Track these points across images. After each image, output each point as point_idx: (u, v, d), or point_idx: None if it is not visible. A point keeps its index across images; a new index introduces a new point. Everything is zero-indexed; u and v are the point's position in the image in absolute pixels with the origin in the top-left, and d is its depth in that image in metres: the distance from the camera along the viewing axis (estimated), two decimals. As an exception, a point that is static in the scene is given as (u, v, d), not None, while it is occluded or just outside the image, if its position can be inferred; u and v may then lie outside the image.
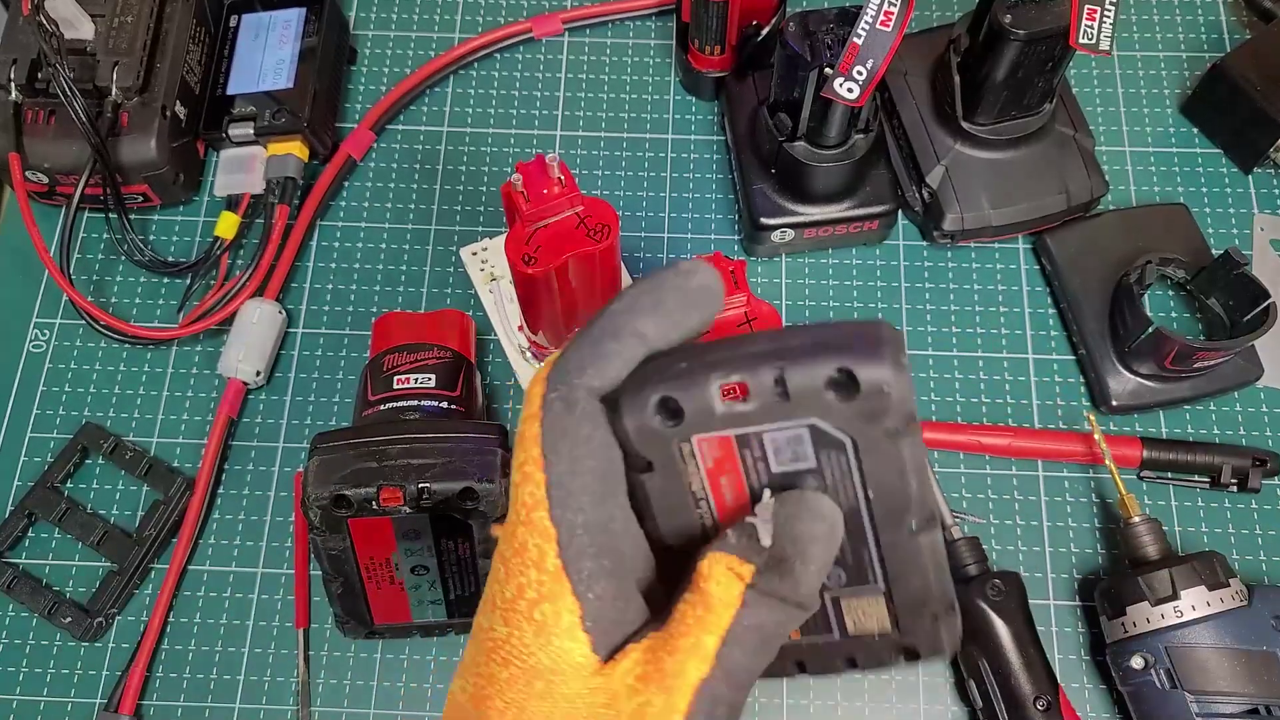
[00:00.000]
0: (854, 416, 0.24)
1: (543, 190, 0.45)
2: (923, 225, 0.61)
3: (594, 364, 0.25)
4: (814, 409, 0.24)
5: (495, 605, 0.26)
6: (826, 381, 0.24)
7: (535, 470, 0.25)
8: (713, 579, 0.25)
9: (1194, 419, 0.57)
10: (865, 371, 0.23)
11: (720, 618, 0.24)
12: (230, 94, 0.61)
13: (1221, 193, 0.62)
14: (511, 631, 0.25)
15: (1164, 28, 0.67)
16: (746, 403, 0.24)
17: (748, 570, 0.24)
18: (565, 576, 0.25)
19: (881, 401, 0.24)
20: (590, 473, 0.25)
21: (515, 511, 0.26)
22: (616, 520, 0.26)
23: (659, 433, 0.25)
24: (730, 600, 0.24)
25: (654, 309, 0.26)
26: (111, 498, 0.56)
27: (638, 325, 0.26)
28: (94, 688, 0.52)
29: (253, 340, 0.56)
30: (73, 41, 0.57)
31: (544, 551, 0.25)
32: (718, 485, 0.26)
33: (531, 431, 0.25)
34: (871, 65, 0.47)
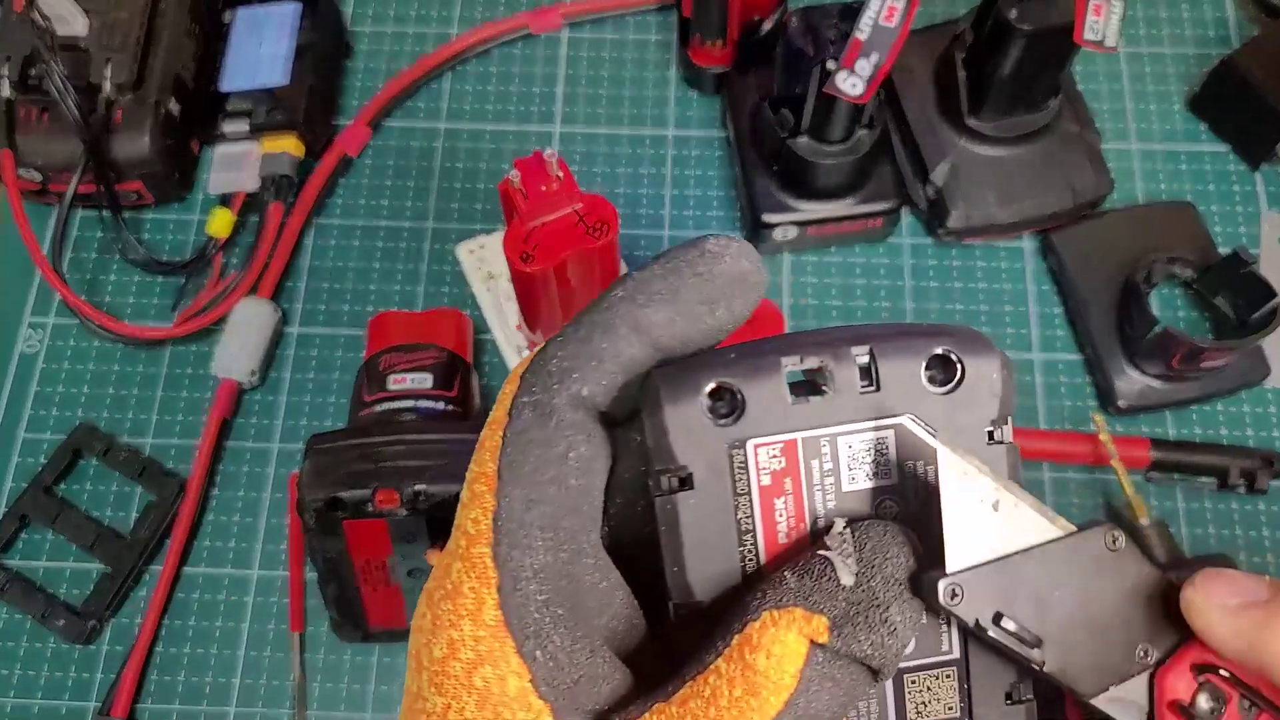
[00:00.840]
0: (952, 415, 0.20)
1: (541, 187, 0.44)
2: (928, 223, 0.60)
3: (582, 365, 0.20)
4: (905, 403, 0.20)
5: (423, 665, 0.20)
6: (925, 369, 0.20)
7: (485, 492, 0.20)
8: (762, 649, 0.19)
9: (1201, 419, 0.56)
10: (972, 359, 0.20)
11: (766, 703, 0.18)
12: (225, 90, 0.60)
13: (1229, 190, 0.61)
14: (449, 703, 0.20)
15: (1171, 24, 0.66)
16: (823, 395, 0.20)
17: (820, 625, 0.19)
18: (507, 633, 0.19)
19: (986, 396, 0.20)
20: (554, 501, 0.20)
21: (455, 541, 0.20)
22: (583, 565, 0.20)
23: (709, 433, 0.20)
24: (784, 681, 0.18)
25: (666, 298, 0.20)
26: (105, 499, 0.55)
27: (643, 319, 0.20)
28: (88, 691, 0.52)
29: (247, 340, 0.56)
30: (66, 37, 0.56)
31: (482, 599, 0.19)
32: (770, 512, 0.21)
33: (492, 441, 0.20)
34: (876, 61, 0.46)
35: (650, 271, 0.21)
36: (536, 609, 0.20)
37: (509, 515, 0.20)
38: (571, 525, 0.20)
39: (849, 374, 0.20)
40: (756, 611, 0.19)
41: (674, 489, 0.20)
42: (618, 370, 0.20)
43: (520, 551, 0.19)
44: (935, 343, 0.20)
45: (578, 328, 0.21)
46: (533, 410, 0.20)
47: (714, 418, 0.20)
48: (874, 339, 0.20)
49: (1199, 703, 0.20)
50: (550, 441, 0.20)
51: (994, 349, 0.21)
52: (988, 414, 0.21)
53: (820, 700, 0.19)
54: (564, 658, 0.20)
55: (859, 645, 0.19)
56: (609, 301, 0.21)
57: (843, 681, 0.19)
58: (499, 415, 0.21)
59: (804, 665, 0.19)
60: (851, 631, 0.19)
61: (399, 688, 0.51)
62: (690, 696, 0.19)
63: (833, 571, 0.19)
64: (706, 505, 0.20)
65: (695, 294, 0.20)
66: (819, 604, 0.19)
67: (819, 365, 0.20)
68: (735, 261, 0.21)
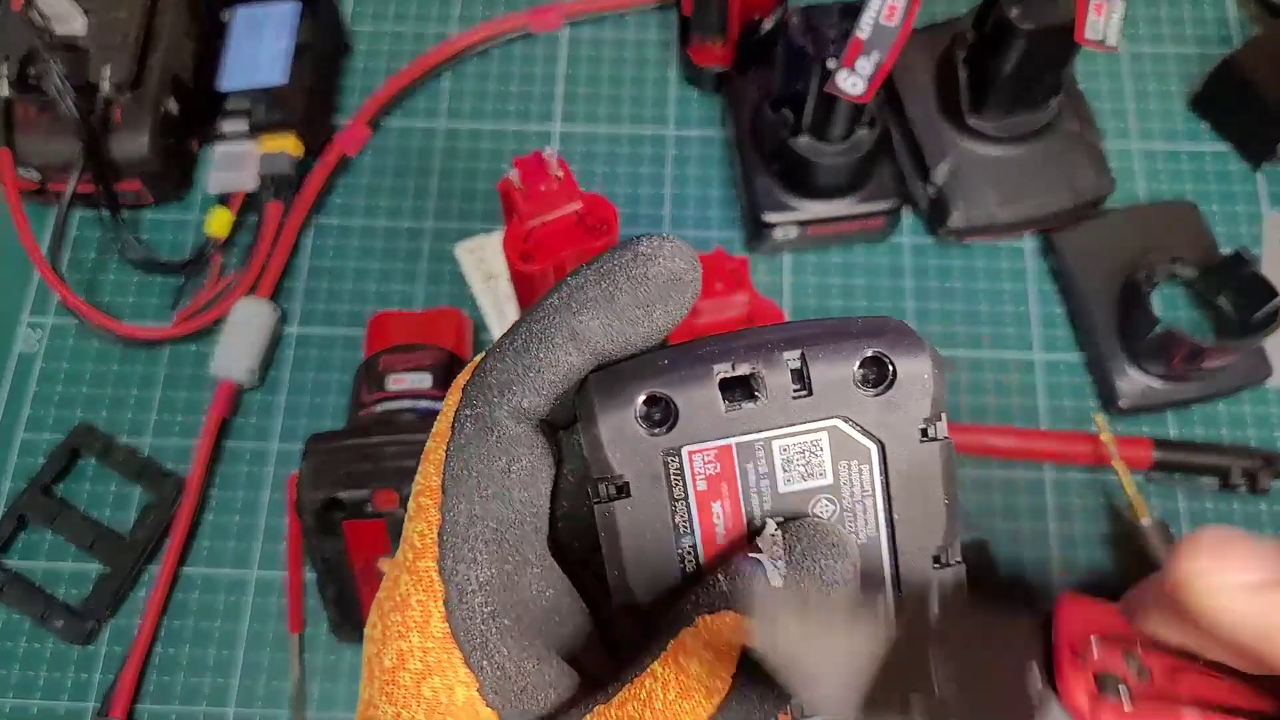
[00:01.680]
0: (884, 415, 0.20)
1: (541, 187, 0.44)
2: (929, 222, 0.60)
3: (520, 377, 0.20)
4: (838, 405, 0.20)
5: (374, 674, 0.21)
6: (857, 371, 0.20)
7: (430, 506, 0.20)
8: (695, 655, 0.19)
9: (1203, 420, 0.56)
10: (903, 359, 0.20)
11: (699, 706, 0.19)
12: (224, 89, 0.60)
13: (1230, 190, 0.61)
14: (399, 713, 0.20)
15: (1172, 23, 0.66)
16: (756, 400, 0.20)
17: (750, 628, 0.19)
18: (455, 644, 0.20)
19: (918, 395, 0.20)
20: (497, 515, 0.20)
21: (402, 553, 0.21)
22: (529, 575, 0.21)
23: (642, 443, 0.20)
24: (716, 685, 0.19)
25: (602, 304, 0.20)
26: (104, 499, 0.55)
27: (580, 327, 0.20)
28: (87, 692, 0.51)
29: (246, 340, 0.56)
30: (64, 36, 0.56)
31: (429, 612, 0.20)
32: (708, 515, 0.21)
33: (436, 455, 0.20)
34: (876, 60, 0.46)
35: (584, 277, 0.21)
36: (482, 620, 0.20)
37: (453, 530, 0.20)
38: (515, 537, 0.20)
39: (781, 380, 0.20)
40: (690, 617, 0.20)
41: (612, 497, 0.21)
42: (557, 380, 0.20)
43: (465, 566, 0.20)
44: (865, 344, 0.20)
45: (514, 338, 0.21)
46: (474, 424, 0.20)
47: (647, 426, 0.20)
48: (805, 342, 0.20)
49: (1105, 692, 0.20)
50: (492, 456, 0.20)
51: (924, 347, 0.21)
52: (920, 412, 0.21)
53: (754, 704, 0.19)
54: (510, 667, 0.20)
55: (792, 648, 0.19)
56: (544, 310, 0.21)
57: (775, 685, 0.19)
58: (442, 428, 0.21)
59: (736, 670, 0.19)
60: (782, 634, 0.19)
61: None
62: (628, 699, 0.19)
63: (763, 574, 0.19)
64: (643, 512, 0.21)
65: (630, 298, 0.20)
66: (748, 608, 0.19)
67: (751, 371, 0.20)
68: (669, 262, 0.21)
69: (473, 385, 0.21)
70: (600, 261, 0.21)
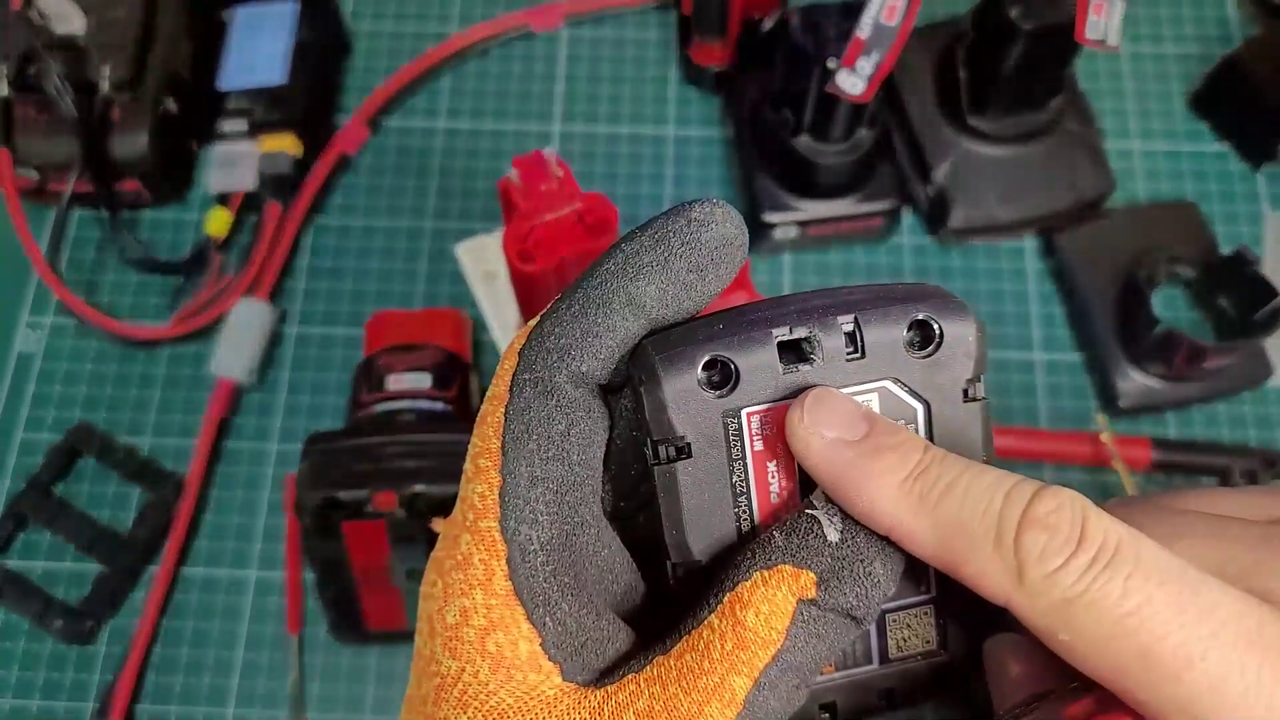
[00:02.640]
0: (932, 376, 0.21)
1: (541, 186, 0.44)
2: (929, 222, 0.60)
3: (579, 342, 0.21)
4: (888, 367, 0.21)
5: (435, 630, 0.21)
6: (905, 335, 0.21)
7: (490, 468, 0.21)
8: (752, 607, 0.20)
9: (1203, 420, 0.56)
10: (949, 323, 0.21)
11: (755, 656, 0.20)
12: (223, 89, 0.60)
13: (1231, 190, 0.61)
14: (464, 667, 0.21)
15: (1172, 23, 0.66)
16: (811, 363, 0.21)
17: (808, 581, 0.20)
18: (517, 601, 0.20)
19: (962, 358, 0.21)
20: (557, 477, 0.21)
21: (462, 513, 0.21)
22: (586, 535, 0.21)
23: (704, 404, 0.21)
24: (771, 636, 0.20)
25: (657, 269, 0.21)
26: (103, 499, 0.55)
27: (634, 291, 0.21)
28: (86, 692, 0.51)
29: (245, 340, 0.56)
30: (63, 36, 0.56)
31: (492, 570, 0.20)
32: (764, 475, 0.22)
33: (494, 417, 0.21)
34: (877, 60, 0.46)
35: (639, 242, 0.21)
36: (544, 579, 0.21)
37: (514, 492, 0.21)
38: (574, 498, 0.21)
39: (836, 342, 0.21)
40: (747, 571, 0.20)
41: (672, 458, 0.21)
42: (614, 345, 0.21)
43: (527, 526, 0.20)
44: (915, 309, 0.21)
45: (571, 303, 0.21)
46: (534, 388, 0.21)
47: (709, 389, 0.21)
48: (857, 306, 0.21)
49: None
50: (552, 419, 0.21)
51: (968, 312, 0.22)
52: (963, 373, 0.22)
53: (806, 652, 0.20)
54: (571, 623, 0.21)
55: (844, 598, 0.20)
56: (601, 275, 0.21)
57: (827, 635, 0.20)
58: (499, 391, 0.21)
59: (790, 622, 0.20)
60: (837, 585, 0.20)
61: (397, 690, 0.51)
62: (685, 650, 0.20)
63: (819, 529, 0.20)
64: (703, 472, 0.21)
65: (685, 262, 0.21)
66: (805, 560, 0.20)
67: (807, 334, 0.21)
68: (721, 227, 0.21)
69: (530, 349, 0.21)
70: (654, 227, 0.21)
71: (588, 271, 0.21)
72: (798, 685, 0.20)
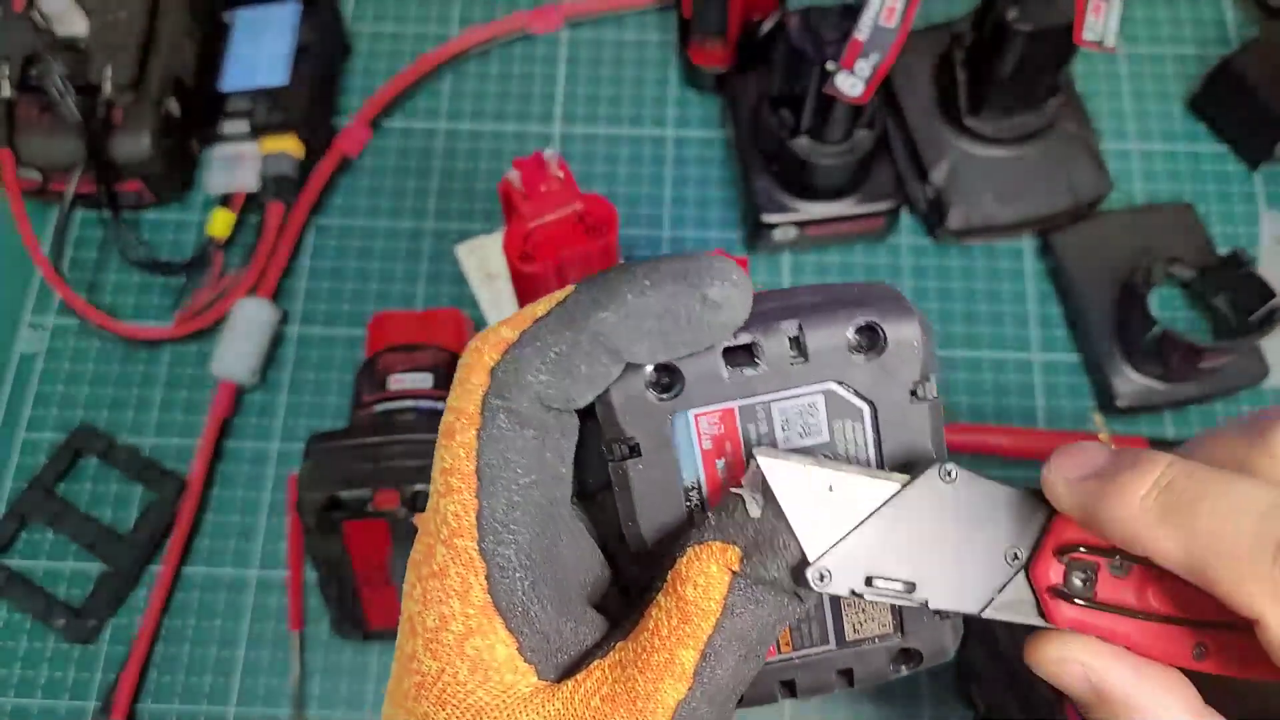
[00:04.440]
0: (876, 378, 0.22)
1: (541, 187, 0.44)
2: (927, 223, 0.60)
3: (558, 381, 0.21)
4: (833, 370, 0.22)
5: (416, 630, 0.22)
6: (850, 338, 0.22)
7: (464, 489, 0.21)
8: (690, 581, 0.21)
9: (1200, 420, 0.56)
10: (893, 326, 0.22)
11: (698, 628, 0.21)
12: (225, 90, 0.60)
13: (1228, 191, 0.61)
14: (443, 667, 0.21)
15: (1170, 24, 0.66)
16: (756, 367, 0.22)
17: (733, 555, 0.21)
18: (496, 612, 0.21)
19: (908, 360, 0.22)
20: (534, 499, 0.21)
21: (436, 526, 0.22)
22: (559, 539, 0.22)
23: (652, 408, 0.22)
24: (710, 607, 0.21)
25: (656, 339, 0.21)
26: (105, 499, 0.55)
27: (625, 350, 0.21)
28: (88, 691, 0.51)
29: (247, 340, 0.56)
30: (66, 37, 0.56)
31: (469, 584, 0.21)
32: (713, 470, 0.23)
33: (464, 439, 0.21)
34: (875, 61, 0.46)
35: (646, 301, 0.21)
36: (523, 593, 0.21)
37: (492, 516, 0.21)
38: (549, 512, 0.22)
39: (779, 348, 0.22)
40: (683, 548, 0.22)
41: (624, 456, 0.22)
42: (593, 390, 0.22)
43: (504, 546, 0.21)
44: (858, 313, 0.22)
45: (557, 339, 0.21)
46: (508, 416, 0.21)
47: (656, 392, 0.22)
48: (802, 312, 0.22)
49: (1071, 580, 0.22)
50: (528, 448, 0.21)
51: (913, 314, 0.22)
52: (910, 375, 0.22)
53: (746, 621, 0.21)
54: (548, 628, 0.22)
55: (765, 570, 0.21)
56: (596, 324, 0.21)
57: (765, 602, 0.21)
58: (468, 409, 0.21)
59: (727, 592, 0.21)
60: (759, 559, 0.21)
61: (399, 687, 0.51)
62: (640, 631, 0.22)
63: (742, 506, 0.21)
64: (654, 469, 0.22)
65: (683, 337, 0.21)
66: (731, 535, 0.21)
67: (751, 340, 0.22)
68: (733, 312, 0.21)
69: (506, 373, 0.21)
70: (665, 293, 0.21)
71: (582, 308, 0.21)
72: (744, 655, 0.21)
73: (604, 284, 0.21)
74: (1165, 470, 0.21)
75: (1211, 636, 0.22)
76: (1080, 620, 0.22)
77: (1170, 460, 0.21)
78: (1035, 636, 0.23)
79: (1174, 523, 0.20)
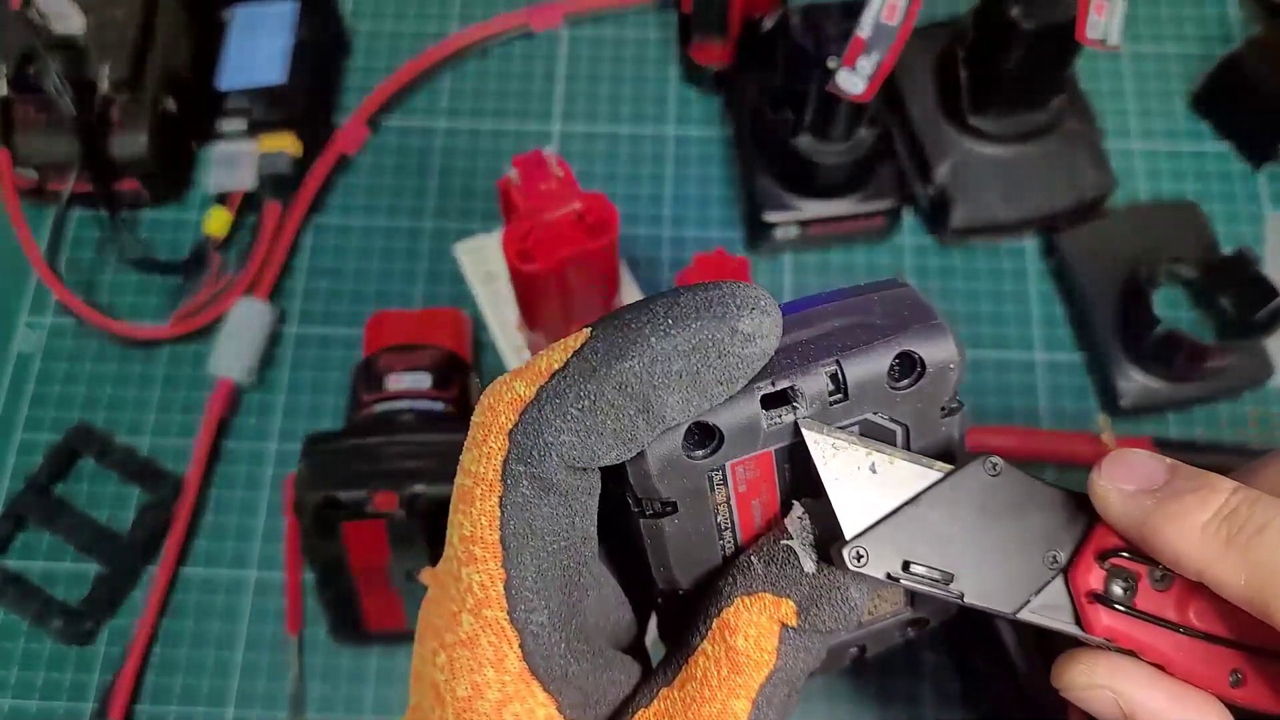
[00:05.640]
0: (914, 402, 0.21)
1: (540, 186, 0.44)
2: (930, 222, 0.60)
3: (583, 439, 0.19)
4: (873, 404, 0.21)
5: (445, 700, 0.21)
6: (890, 369, 0.21)
7: (489, 558, 0.20)
8: (740, 633, 0.21)
9: (1204, 420, 0.56)
10: (932, 352, 0.21)
11: (750, 679, 0.20)
12: (223, 89, 0.60)
13: (1232, 190, 0.61)
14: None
15: (1173, 22, 0.66)
16: (795, 412, 0.21)
17: (788, 609, 0.20)
18: (533, 677, 0.20)
19: (945, 381, 0.21)
20: (562, 563, 0.20)
21: (460, 594, 0.20)
22: (588, 593, 0.21)
23: (690, 468, 0.21)
24: (763, 658, 0.20)
25: (686, 382, 0.19)
26: (102, 500, 0.55)
27: (655, 403, 0.19)
28: (85, 693, 0.51)
29: (244, 339, 0.55)
30: (62, 35, 0.56)
31: (503, 653, 0.20)
32: (748, 511, 0.22)
33: (487, 505, 0.20)
34: (877, 59, 0.46)
35: (673, 343, 0.19)
36: (559, 655, 0.21)
37: (522, 585, 0.20)
38: (577, 571, 0.21)
39: (818, 387, 0.21)
40: (729, 597, 0.21)
41: (659, 514, 0.21)
42: (616, 443, 0.19)
43: (536, 613, 0.20)
44: (895, 342, 0.21)
45: (580, 395, 0.19)
46: (531, 483, 0.20)
47: (692, 450, 0.21)
48: (836, 347, 0.21)
49: (1111, 588, 0.22)
50: (555, 514, 0.20)
51: (948, 336, 0.21)
52: (944, 395, 0.22)
53: (794, 668, 0.21)
54: (586, 683, 0.21)
55: (823, 623, 0.21)
56: (621, 374, 0.19)
57: (812, 648, 0.21)
58: (487, 476, 0.20)
59: (779, 643, 0.21)
60: (816, 613, 0.21)
61: (397, 690, 0.51)
62: (686, 680, 0.21)
63: (796, 560, 0.21)
64: (688, 521, 0.22)
65: (716, 375, 0.19)
66: (785, 590, 0.21)
67: (790, 385, 0.21)
68: (765, 343, 0.19)
69: (526, 437, 0.19)
70: (692, 331, 0.19)
71: (602, 356, 0.19)
72: (789, 695, 0.21)
73: (622, 326, 0.19)
74: (1229, 498, 0.20)
75: (1251, 664, 0.22)
76: (1117, 629, 0.22)
77: (1234, 487, 0.21)
78: (1063, 659, 0.23)
79: (1237, 553, 0.20)
